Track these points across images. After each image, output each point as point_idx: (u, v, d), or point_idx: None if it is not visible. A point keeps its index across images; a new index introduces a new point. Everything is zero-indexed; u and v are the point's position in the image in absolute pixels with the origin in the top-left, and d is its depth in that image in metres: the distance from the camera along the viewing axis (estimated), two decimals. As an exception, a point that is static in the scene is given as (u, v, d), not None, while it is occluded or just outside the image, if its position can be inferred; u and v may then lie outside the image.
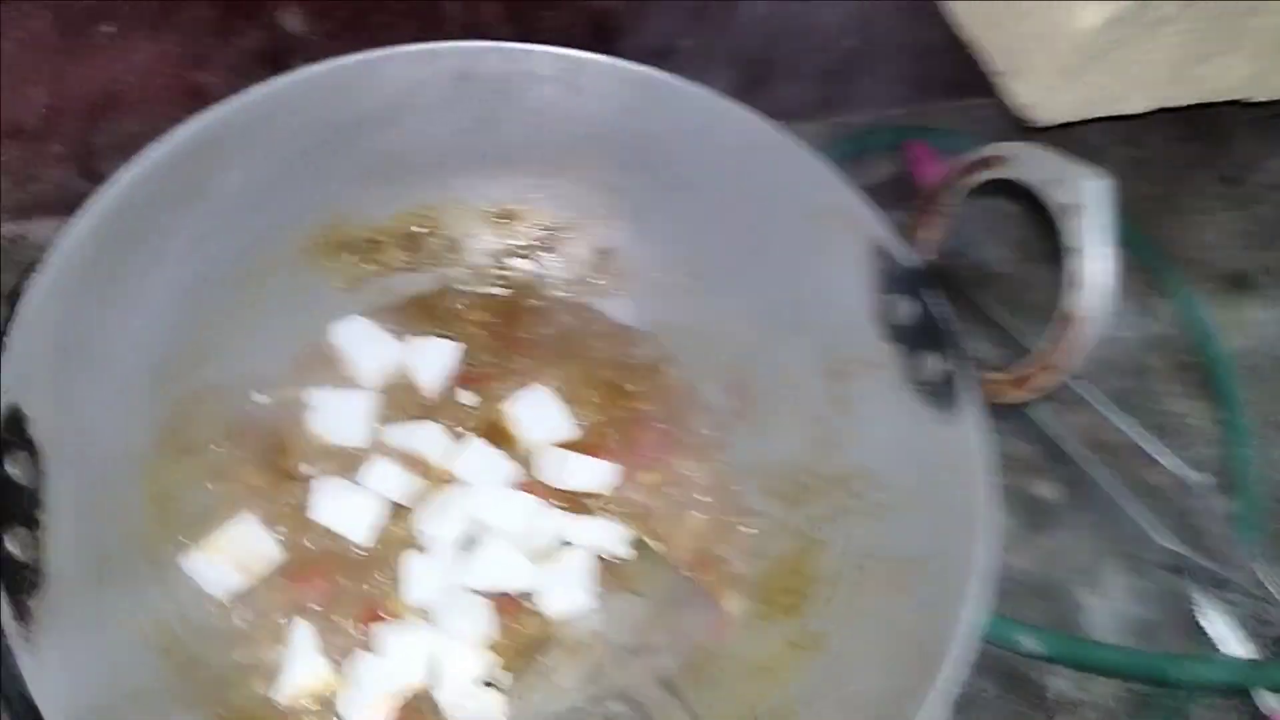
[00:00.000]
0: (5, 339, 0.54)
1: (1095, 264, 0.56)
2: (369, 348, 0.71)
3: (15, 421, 0.53)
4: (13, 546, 0.51)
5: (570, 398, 0.72)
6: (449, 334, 0.73)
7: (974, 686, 0.78)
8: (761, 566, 0.68)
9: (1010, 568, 0.81)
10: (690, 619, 0.67)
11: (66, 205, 0.85)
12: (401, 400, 0.71)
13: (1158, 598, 0.80)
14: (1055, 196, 0.57)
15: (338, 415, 0.69)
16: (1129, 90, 0.81)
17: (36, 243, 0.83)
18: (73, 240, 0.58)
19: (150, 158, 0.61)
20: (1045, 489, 0.85)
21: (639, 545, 0.68)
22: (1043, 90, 0.78)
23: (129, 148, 0.82)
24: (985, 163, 0.62)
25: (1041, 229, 0.59)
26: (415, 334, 0.72)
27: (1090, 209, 0.56)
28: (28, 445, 0.54)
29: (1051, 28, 0.75)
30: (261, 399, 0.68)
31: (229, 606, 0.63)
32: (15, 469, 0.53)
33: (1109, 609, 0.84)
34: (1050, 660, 0.78)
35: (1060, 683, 0.80)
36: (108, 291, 0.60)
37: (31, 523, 0.53)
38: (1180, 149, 1.07)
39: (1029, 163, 0.59)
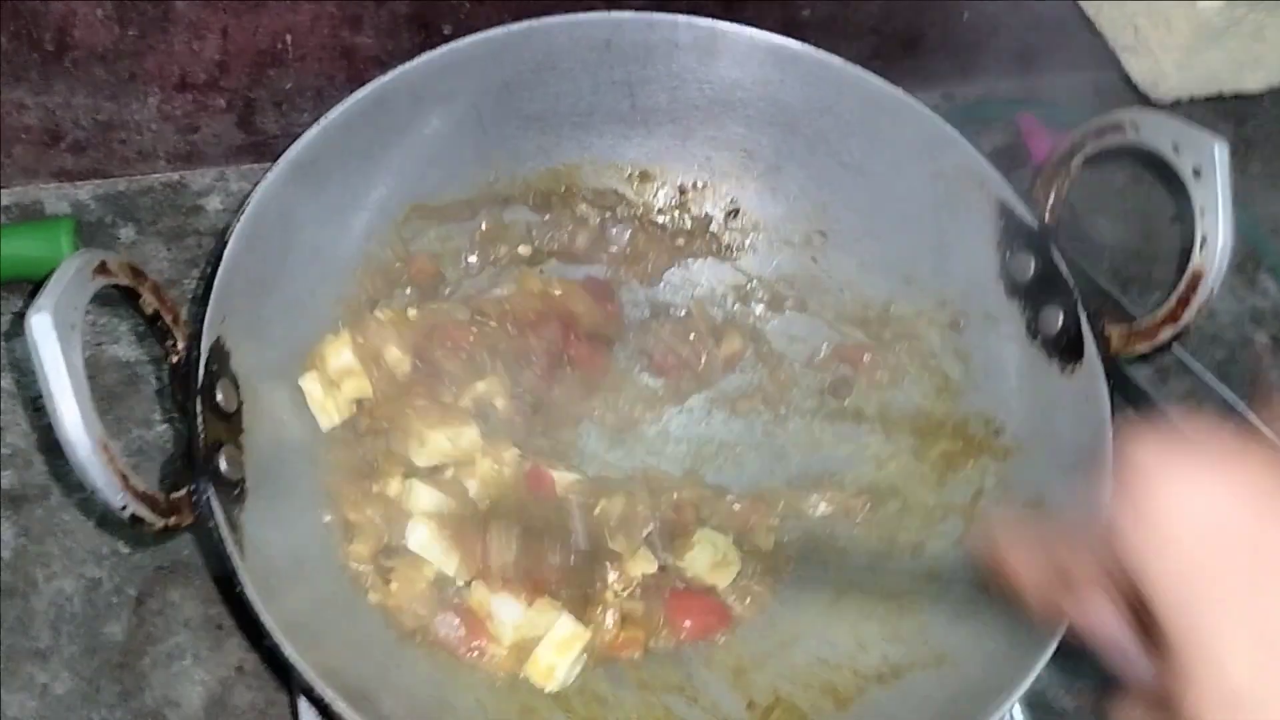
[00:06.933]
0: (214, 282, 0.59)
1: (1218, 223, 0.58)
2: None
3: (220, 354, 0.59)
4: (224, 466, 0.57)
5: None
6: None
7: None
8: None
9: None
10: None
11: (224, 156, 0.89)
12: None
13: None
14: (1178, 161, 0.60)
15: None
16: (1245, 69, 0.82)
17: (195, 189, 0.89)
18: (266, 191, 0.62)
19: (330, 118, 0.65)
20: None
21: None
22: (1161, 67, 0.80)
23: (285, 103, 0.86)
24: (1110, 128, 0.64)
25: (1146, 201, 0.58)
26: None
27: (1213, 171, 0.58)
28: (231, 376, 0.59)
29: (1174, 6, 0.76)
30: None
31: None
32: (222, 396, 0.58)
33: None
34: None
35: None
36: (294, 236, 0.65)
37: (237, 445, 0.59)
38: (1289, 131, 1.08)
39: (1152, 128, 0.62)
